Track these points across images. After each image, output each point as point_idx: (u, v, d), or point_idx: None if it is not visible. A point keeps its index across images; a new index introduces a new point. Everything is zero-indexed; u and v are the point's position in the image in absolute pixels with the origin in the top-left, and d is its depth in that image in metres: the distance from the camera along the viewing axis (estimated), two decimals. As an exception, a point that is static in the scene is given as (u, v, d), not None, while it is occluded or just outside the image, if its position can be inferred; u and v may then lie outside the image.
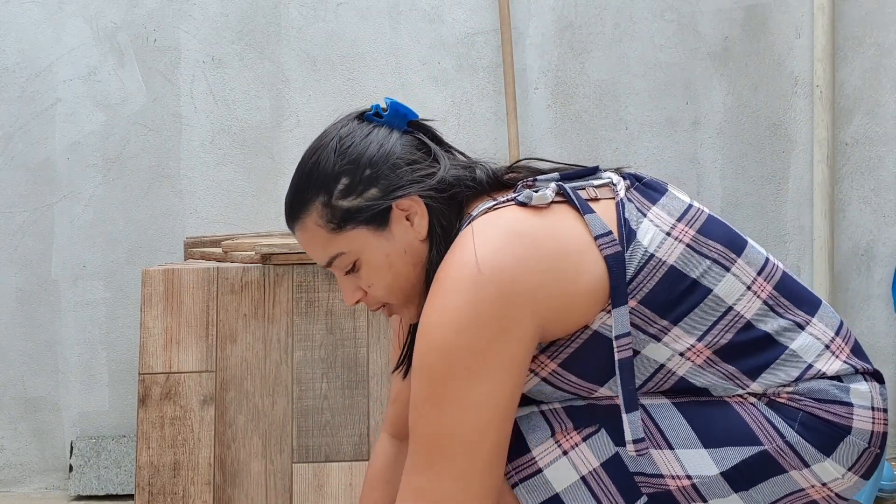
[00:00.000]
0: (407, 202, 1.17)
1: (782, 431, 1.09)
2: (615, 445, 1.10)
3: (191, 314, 2.03)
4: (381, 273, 1.18)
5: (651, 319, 1.10)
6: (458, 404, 1.05)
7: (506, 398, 1.07)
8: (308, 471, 1.99)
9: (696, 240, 1.13)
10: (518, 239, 1.08)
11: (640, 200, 1.16)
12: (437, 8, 2.30)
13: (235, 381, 2.02)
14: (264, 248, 2.03)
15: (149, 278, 2.05)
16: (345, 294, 1.22)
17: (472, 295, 1.05)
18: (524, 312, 1.06)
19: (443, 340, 1.05)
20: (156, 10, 2.33)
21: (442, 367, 1.06)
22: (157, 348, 2.03)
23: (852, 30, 2.26)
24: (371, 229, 1.17)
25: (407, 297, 1.20)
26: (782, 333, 1.13)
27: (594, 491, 1.09)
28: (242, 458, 1.99)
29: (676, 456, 1.09)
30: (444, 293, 1.07)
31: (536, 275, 1.07)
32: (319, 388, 2.01)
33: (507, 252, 1.07)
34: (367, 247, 1.17)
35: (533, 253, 1.08)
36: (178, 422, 2.00)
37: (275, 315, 2.03)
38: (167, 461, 1.99)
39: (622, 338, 1.09)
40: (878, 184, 2.30)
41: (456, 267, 1.07)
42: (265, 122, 2.33)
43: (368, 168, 1.17)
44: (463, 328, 1.05)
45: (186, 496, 1.98)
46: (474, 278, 1.06)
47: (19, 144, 2.35)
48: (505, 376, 1.07)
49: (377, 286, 1.19)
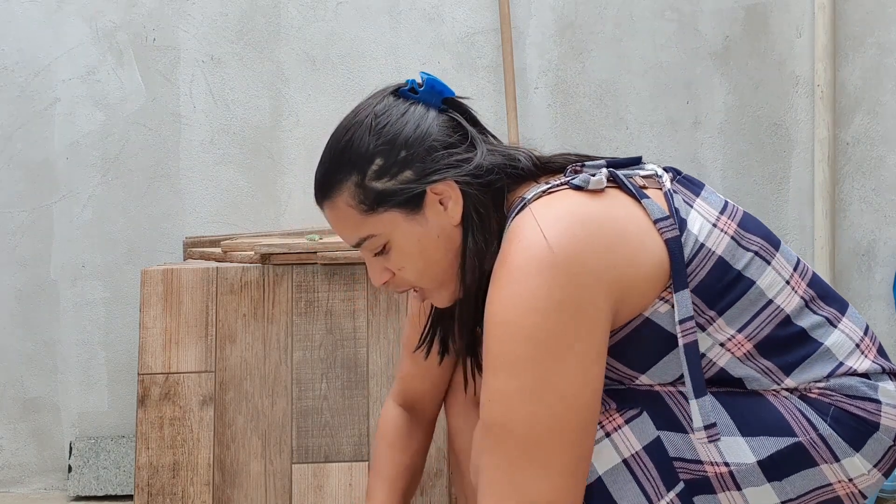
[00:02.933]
0: (441, 187, 1.14)
1: (815, 424, 1.09)
2: (657, 429, 1.09)
3: (190, 314, 2.03)
4: (413, 258, 1.16)
5: (700, 309, 1.10)
6: (551, 394, 1.02)
7: (595, 384, 1.04)
8: (308, 471, 1.99)
9: (738, 233, 1.14)
10: (582, 222, 1.06)
11: (684, 192, 1.16)
12: (437, 7, 2.30)
13: (235, 382, 2.01)
14: (264, 248, 2.02)
15: (148, 278, 2.05)
16: (372, 275, 1.20)
17: (548, 279, 1.02)
18: (599, 295, 1.04)
19: (525, 327, 1.02)
20: (155, 10, 2.32)
21: (529, 355, 1.02)
22: (157, 348, 2.02)
23: (853, 29, 2.26)
24: (404, 213, 1.15)
25: (439, 282, 1.18)
26: (816, 329, 1.14)
27: (636, 474, 1.08)
28: (242, 458, 1.99)
29: (716, 443, 1.09)
30: (517, 279, 1.03)
31: (605, 257, 1.05)
32: (319, 389, 2.01)
33: (574, 234, 1.05)
34: (399, 230, 1.15)
35: (599, 236, 1.06)
36: (177, 422, 2.00)
37: (274, 315, 2.02)
38: (166, 462, 1.99)
39: (686, 321, 1.08)
40: (879, 183, 2.29)
41: (523, 251, 1.04)
42: (265, 122, 2.33)
43: (404, 150, 1.15)
44: (544, 313, 1.02)
45: (186, 497, 1.98)
46: (546, 261, 1.02)
47: (18, 144, 2.34)
48: (590, 362, 1.04)
49: (408, 270, 1.17)
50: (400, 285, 1.20)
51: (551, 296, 1.02)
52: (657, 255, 1.09)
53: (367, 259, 1.20)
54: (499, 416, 1.03)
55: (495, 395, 1.04)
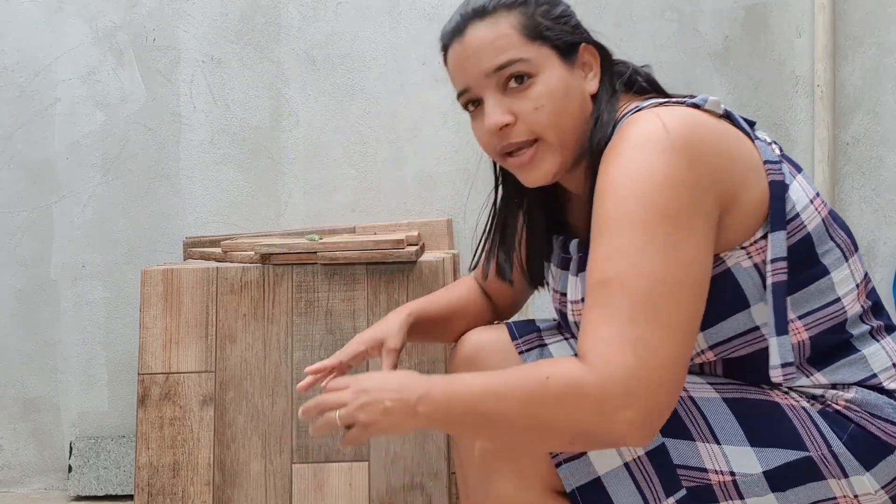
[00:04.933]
0: (589, 54, 1.18)
1: (829, 441, 1.09)
2: (662, 436, 1.09)
3: (190, 314, 2.03)
4: (556, 97, 1.14)
5: None
6: (675, 257, 1.01)
7: (708, 269, 1.04)
8: (308, 471, 1.99)
9: (827, 219, 1.14)
10: (702, 125, 1.07)
11: (789, 165, 1.17)
12: (437, 7, 2.30)
13: (235, 382, 2.01)
14: (264, 248, 2.02)
15: (148, 278, 2.05)
16: (492, 117, 1.15)
17: (672, 158, 1.03)
18: (711, 197, 1.05)
19: (653, 193, 1.02)
20: (155, 10, 2.32)
21: (658, 216, 1.01)
22: (157, 348, 2.02)
23: (853, 29, 2.26)
24: (559, 56, 1.16)
25: (561, 140, 1.16)
26: (860, 339, 1.15)
27: (636, 478, 1.08)
28: (242, 458, 1.99)
29: (722, 451, 1.08)
30: (639, 150, 1.04)
31: (720, 165, 1.06)
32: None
33: (694, 132, 1.05)
34: (552, 68, 1.15)
35: (716, 144, 1.07)
36: (177, 422, 2.00)
37: (274, 315, 2.02)
38: (167, 461, 1.99)
39: (778, 261, 1.08)
40: (878, 183, 2.29)
41: (645, 130, 1.05)
42: (264, 122, 2.33)
43: (562, 6, 1.20)
44: (672, 185, 1.02)
45: (186, 496, 1.98)
46: (667, 141, 1.03)
47: (18, 144, 2.34)
48: (706, 246, 1.04)
49: (545, 110, 1.14)
50: (518, 134, 1.16)
51: (676, 174, 1.02)
52: (759, 193, 1.09)
53: (492, 98, 1.16)
54: (619, 271, 1.01)
55: (616, 251, 1.02)
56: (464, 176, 2.28)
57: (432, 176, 2.29)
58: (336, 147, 2.31)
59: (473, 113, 1.20)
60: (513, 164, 1.18)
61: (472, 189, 2.27)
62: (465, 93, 1.19)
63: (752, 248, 1.10)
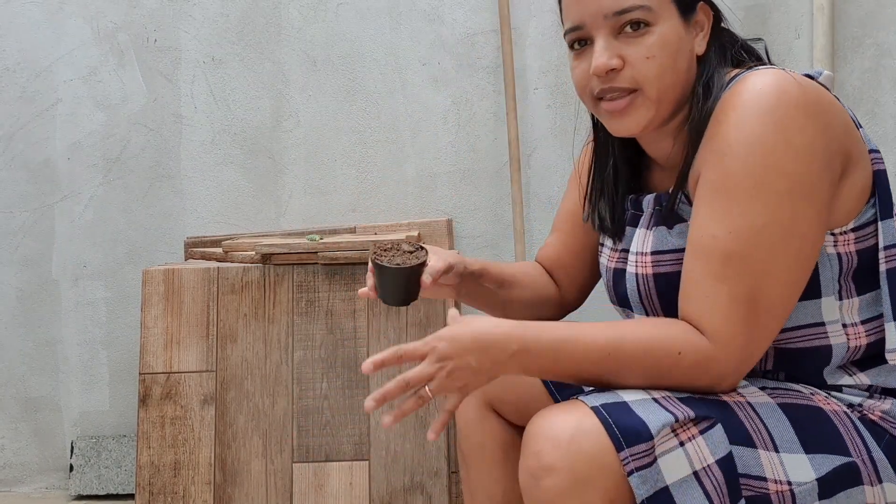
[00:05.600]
0: (703, 16, 1.17)
1: (869, 446, 1.09)
2: (730, 443, 1.05)
3: (191, 314, 2.04)
4: (668, 50, 1.13)
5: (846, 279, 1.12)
6: (798, 234, 1.03)
7: (821, 239, 1.06)
8: (308, 470, 1.99)
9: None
10: (825, 94, 1.08)
11: None
12: (437, 8, 2.30)
13: (236, 381, 2.02)
14: (264, 248, 2.03)
15: (149, 278, 2.06)
16: (601, 58, 1.13)
17: (805, 120, 1.03)
18: (836, 163, 1.05)
19: (785, 157, 1.02)
20: (156, 11, 2.33)
21: (787, 190, 1.02)
22: (158, 348, 2.03)
23: (852, 30, 2.26)
24: (679, 11, 1.15)
25: (660, 95, 1.14)
26: None
27: (706, 488, 1.03)
28: (243, 457, 2.00)
29: (780, 459, 1.06)
30: (773, 108, 1.03)
31: (842, 135, 1.07)
32: (319, 388, 2.01)
33: (824, 96, 1.06)
34: (670, 22, 1.14)
35: (840, 115, 1.08)
36: (178, 421, 2.00)
37: (275, 315, 2.03)
38: (167, 461, 1.99)
39: (891, 248, 1.09)
40: (877, 184, 2.30)
41: (779, 86, 1.04)
42: (265, 122, 2.33)
43: None
44: (804, 147, 1.02)
45: (187, 496, 1.98)
46: (803, 103, 1.04)
47: (20, 144, 2.35)
48: (824, 216, 1.05)
49: (655, 62, 1.12)
50: (622, 80, 1.14)
51: (812, 141, 1.03)
52: (862, 180, 1.10)
53: (604, 40, 1.14)
54: (744, 247, 1.03)
55: (743, 224, 1.03)
56: (464, 176, 2.28)
57: (432, 176, 2.30)
58: (336, 147, 2.32)
59: (578, 52, 1.18)
60: (605, 108, 1.17)
61: (472, 189, 2.28)
62: (577, 30, 1.16)
63: (841, 237, 1.10)
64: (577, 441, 0.98)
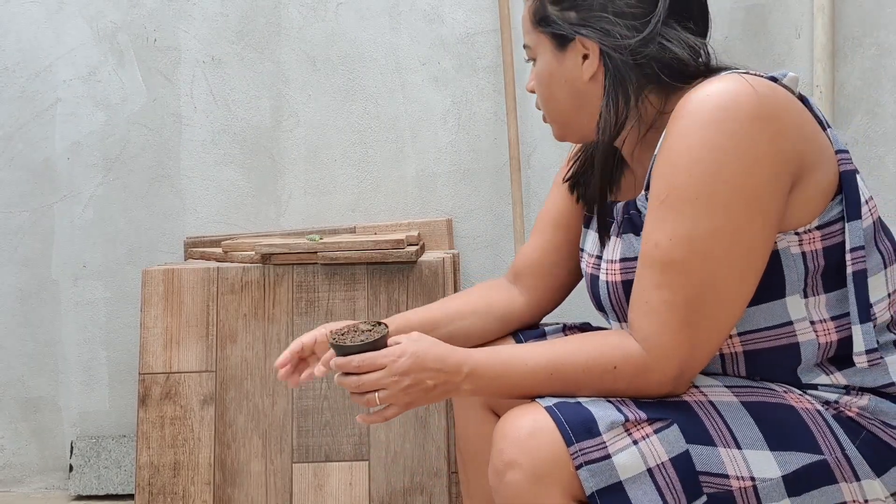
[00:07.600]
0: (589, 43, 1.19)
1: (843, 444, 1.09)
2: (686, 443, 1.07)
3: (191, 314, 2.04)
4: (541, 84, 1.26)
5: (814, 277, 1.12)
6: (741, 243, 1.03)
7: (768, 248, 1.06)
8: (308, 470, 1.99)
9: (877, 224, 1.15)
10: (782, 97, 1.09)
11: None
12: (437, 8, 2.30)
13: (235, 381, 2.02)
14: (264, 248, 2.03)
15: (149, 278, 2.06)
16: (531, 79, 1.29)
17: (752, 127, 1.04)
18: (788, 169, 1.06)
19: (731, 165, 1.03)
20: (156, 10, 2.33)
21: (729, 199, 1.03)
22: (158, 348, 2.03)
23: (852, 30, 2.26)
24: (552, 44, 1.22)
25: (559, 123, 1.28)
26: (885, 346, 1.15)
27: (658, 484, 1.06)
28: (242, 457, 2.00)
29: (743, 456, 1.07)
30: (721, 115, 1.04)
31: (799, 139, 1.07)
32: (319, 388, 2.01)
33: (780, 100, 1.07)
34: (544, 56, 1.24)
35: (797, 118, 1.08)
36: (178, 422, 2.00)
37: (275, 315, 2.03)
38: (167, 461, 1.99)
39: (857, 250, 1.09)
40: (878, 184, 2.30)
41: (731, 91, 1.05)
42: (265, 122, 2.33)
43: None
44: (751, 155, 1.03)
45: (186, 496, 1.98)
46: (754, 107, 1.04)
47: (19, 144, 2.35)
48: (772, 225, 1.06)
49: (539, 90, 1.28)
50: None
51: (760, 148, 1.03)
52: (827, 181, 1.10)
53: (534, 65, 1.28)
54: (687, 256, 1.05)
55: (685, 233, 1.05)
56: (464, 176, 2.28)
57: (432, 176, 2.30)
58: (336, 147, 2.32)
59: None
60: None
61: (472, 189, 2.28)
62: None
63: (805, 236, 1.10)
64: (534, 437, 1.04)
